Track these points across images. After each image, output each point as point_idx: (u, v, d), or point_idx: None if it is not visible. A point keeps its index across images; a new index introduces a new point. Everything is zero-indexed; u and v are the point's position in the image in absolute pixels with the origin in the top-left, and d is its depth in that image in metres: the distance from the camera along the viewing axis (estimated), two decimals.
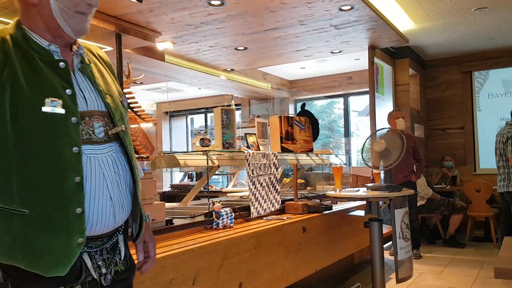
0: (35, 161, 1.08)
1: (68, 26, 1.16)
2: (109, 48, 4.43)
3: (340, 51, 5.67)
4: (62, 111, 1.10)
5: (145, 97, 8.62)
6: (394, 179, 4.68)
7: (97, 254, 1.18)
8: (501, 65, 6.49)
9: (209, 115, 9.33)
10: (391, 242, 3.78)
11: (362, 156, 3.77)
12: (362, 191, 3.39)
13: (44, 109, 1.07)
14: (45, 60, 1.13)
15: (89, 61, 1.25)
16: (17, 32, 1.15)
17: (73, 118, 1.11)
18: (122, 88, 4.05)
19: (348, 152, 7.68)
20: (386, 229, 3.81)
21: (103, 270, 1.19)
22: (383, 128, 3.91)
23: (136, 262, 1.36)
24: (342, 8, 4.05)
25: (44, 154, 1.08)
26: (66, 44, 1.20)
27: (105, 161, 1.18)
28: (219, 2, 3.80)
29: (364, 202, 3.56)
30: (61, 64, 1.15)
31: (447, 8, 4.69)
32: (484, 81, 6.70)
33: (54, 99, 1.09)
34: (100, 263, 1.18)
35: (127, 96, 4.34)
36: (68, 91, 1.13)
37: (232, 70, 6.45)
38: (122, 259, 1.26)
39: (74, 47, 1.22)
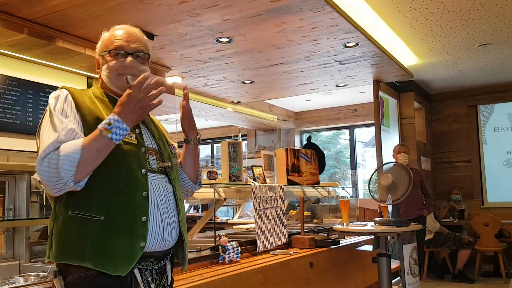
0: (114, 178, 1.34)
1: (114, 85, 1.49)
2: None
3: (345, 85, 5.76)
4: (135, 142, 1.42)
5: None
6: (406, 214, 4.66)
7: (147, 271, 1.37)
8: (506, 99, 6.54)
9: (215, 145, 9.39)
10: (399, 277, 3.73)
11: (369, 189, 3.77)
12: (369, 226, 3.37)
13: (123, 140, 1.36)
14: None
15: None
16: (97, 90, 1.52)
17: (142, 148, 1.43)
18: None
19: (354, 184, 7.66)
20: (394, 264, 3.76)
21: (152, 286, 1.38)
22: (389, 162, 3.93)
23: None
24: (347, 45, 4.14)
25: (121, 173, 1.35)
26: None
27: (157, 185, 1.43)
28: (227, 40, 3.91)
29: (372, 237, 3.54)
30: None
31: (450, 45, 4.78)
32: (489, 115, 6.74)
33: (130, 132, 1.37)
34: (149, 279, 1.38)
35: None
36: (137, 130, 1.46)
37: (239, 102, 6.55)
38: (169, 284, 1.46)
39: None
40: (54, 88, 4.07)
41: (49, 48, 3.60)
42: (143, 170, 1.38)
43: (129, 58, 1.47)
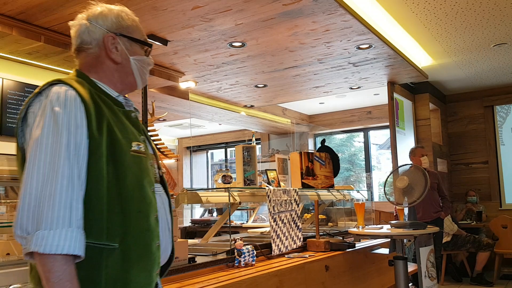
0: (130, 199, 1.16)
1: (141, 80, 1.34)
2: None
3: (359, 87, 5.74)
4: (145, 155, 1.23)
5: (166, 133, 8.79)
6: (423, 216, 4.61)
7: None
8: None
9: (229, 149, 9.42)
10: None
11: (384, 191, 3.74)
12: (385, 229, 3.35)
13: (132, 152, 1.19)
14: (120, 110, 1.26)
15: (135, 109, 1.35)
16: (89, 83, 1.24)
17: (150, 161, 1.25)
18: (146, 127, 4.16)
19: (369, 187, 7.60)
20: (411, 267, 3.72)
21: None
22: (405, 164, 3.89)
23: None
24: (360, 46, 4.13)
25: (134, 192, 1.17)
26: (124, 95, 1.34)
27: (159, 200, 1.28)
28: (240, 44, 3.93)
29: (388, 240, 3.51)
30: (133, 114, 1.30)
31: (465, 45, 4.73)
32: (506, 115, 6.63)
33: (138, 143, 1.22)
34: None
35: (151, 133, 4.46)
36: (141, 137, 1.27)
37: (252, 106, 6.56)
38: None
39: (123, 97, 1.33)
40: None
41: (65, 55, 3.67)
42: (152, 188, 1.22)
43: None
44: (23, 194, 1.04)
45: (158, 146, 4.40)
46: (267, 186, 3.30)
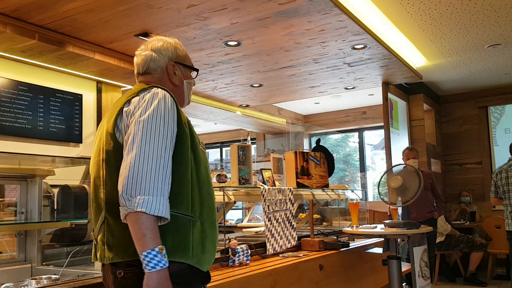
0: (204, 183, 1.48)
1: (187, 99, 1.68)
2: (129, 87, 4.58)
3: (354, 87, 5.75)
4: (204, 150, 1.56)
5: None
6: (417, 216, 4.62)
7: None
8: None
9: (224, 149, 9.41)
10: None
11: (378, 191, 3.76)
12: (379, 228, 3.36)
13: (201, 147, 1.52)
14: None
15: None
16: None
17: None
18: None
19: (364, 187, 7.62)
20: (405, 266, 3.74)
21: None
22: (399, 164, 3.91)
23: None
24: (355, 47, 4.14)
25: (205, 178, 1.50)
26: None
27: None
28: (236, 43, 3.93)
29: (382, 239, 3.52)
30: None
31: (460, 46, 4.75)
32: (500, 116, 6.68)
33: (201, 141, 1.55)
34: None
35: None
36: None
37: (247, 106, 6.56)
38: None
39: None
40: (65, 92, 4.13)
41: (59, 53, 3.65)
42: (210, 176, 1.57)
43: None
44: (130, 165, 1.30)
45: None
46: (262, 186, 3.30)
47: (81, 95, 4.22)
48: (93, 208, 1.50)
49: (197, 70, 1.69)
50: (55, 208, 2.52)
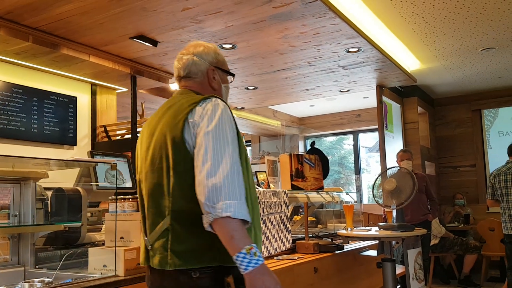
0: (253, 188, 1.55)
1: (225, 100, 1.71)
2: (124, 89, 4.57)
3: (348, 90, 5.77)
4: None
5: None
6: (411, 219, 4.64)
7: None
8: (511, 103, 6.53)
9: None
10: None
11: (373, 193, 3.77)
12: (374, 231, 3.36)
13: (245, 154, 1.55)
14: None
15: None
16: None
17: None
18: (136, 128, 4.14)
19: (359, 189, 7.64)
20: (399, 269, 3.75)
21: None
22: (393, 167, 3.92)
23: None
24: (350, 50, 4.15)
25: (252, 184, 1.56)
26: None
27: None
28: (231, 46, 3.94)
29: (376, 242, 3.53)
30: None
31: (453, 49, 4.79)
32: (494, 119, 6.72)
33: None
34: None
35: (140, 134, 4.42)
36: None
37: (243, 108, 6.56)
38: None
39: None
40: (59, 95, 4.12)
41: (53, 56, 3.64)
42: None
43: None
44: (208, 175, 1.35)
45: None
46: (257, 188, 3.30)
47: (76, 97, 4.21)
48: (149, 214, 1.52)
49: (233, 75, 1.76)
50: (49, 211, 2.50)
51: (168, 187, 1.44)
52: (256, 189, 3.20)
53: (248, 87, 5.43)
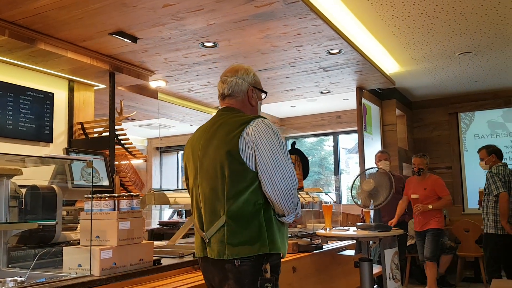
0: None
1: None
2: (102, 86, 4.50)
3: (329, 92, 5.81)
4: None
5: (136, 133, 8.65)
6: (388, 219, 4.70)
7: None
8: (486, 107, 6.68)
9: None
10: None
11: (351, 194, 3.80)
12: (352, 231, 3.39)
13: None
14: None
15: None
16: None
17: None
18: (114, 126, 4.08)
19: (338, 190, 7.70)
20: (376, 269, 3.78)
21: None
22: (372, 168, 3.96)
23: None
24: (331, 51, 4.18)
25: None
26: None
27: None
28: (212, 44, 3.92)
29: (354, 242, 3.56)
30: None
31: (432, 53, 4.87)
32: (470, 122, 6.87)
33: None
34: None
35: (118, 132, 4.37)
36: None
37: None
38: None
39: None
40: (35, 91, 4.02)
41: (30, 51, 3.55)
42: None
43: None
44: (285, 185, 1.75)
45: (126, 146, 4.32)
46: None
47: (52, 93, 4.12)
48: (206, 214, 1.81)
49: (266, 93, 2.05)
50: (23, 208, 2.44)
51: (225, 192, 1.74)
52: None
53: None
